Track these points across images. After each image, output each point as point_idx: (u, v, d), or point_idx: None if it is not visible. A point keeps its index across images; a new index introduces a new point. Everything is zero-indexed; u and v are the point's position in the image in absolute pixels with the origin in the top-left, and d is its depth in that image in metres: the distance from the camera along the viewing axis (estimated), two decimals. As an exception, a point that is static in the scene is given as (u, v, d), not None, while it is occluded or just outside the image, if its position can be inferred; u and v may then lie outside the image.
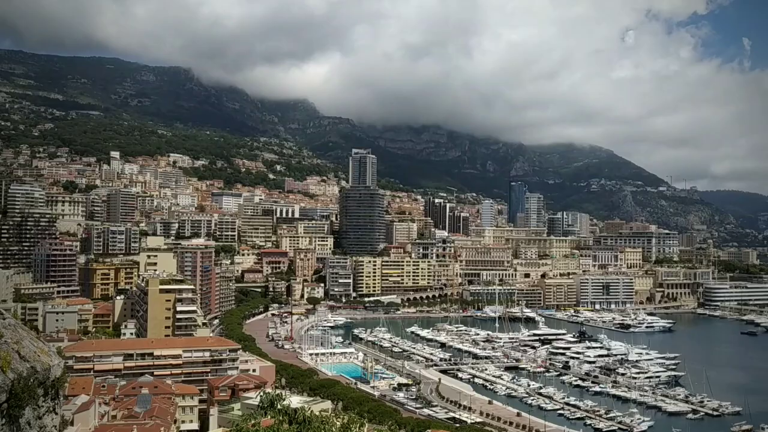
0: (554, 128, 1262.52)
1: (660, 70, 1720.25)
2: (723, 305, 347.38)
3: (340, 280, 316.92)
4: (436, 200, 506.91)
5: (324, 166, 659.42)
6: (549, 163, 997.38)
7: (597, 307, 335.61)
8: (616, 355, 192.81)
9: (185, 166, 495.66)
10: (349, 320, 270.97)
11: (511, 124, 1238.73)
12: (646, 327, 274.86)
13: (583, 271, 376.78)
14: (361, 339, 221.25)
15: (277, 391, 23.05)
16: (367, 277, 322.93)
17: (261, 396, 22.19)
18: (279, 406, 21.17)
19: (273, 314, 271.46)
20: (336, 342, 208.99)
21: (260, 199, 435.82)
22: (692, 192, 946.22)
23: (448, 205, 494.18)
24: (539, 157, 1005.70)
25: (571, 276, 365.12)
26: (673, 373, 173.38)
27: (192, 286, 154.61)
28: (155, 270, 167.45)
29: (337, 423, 19.92)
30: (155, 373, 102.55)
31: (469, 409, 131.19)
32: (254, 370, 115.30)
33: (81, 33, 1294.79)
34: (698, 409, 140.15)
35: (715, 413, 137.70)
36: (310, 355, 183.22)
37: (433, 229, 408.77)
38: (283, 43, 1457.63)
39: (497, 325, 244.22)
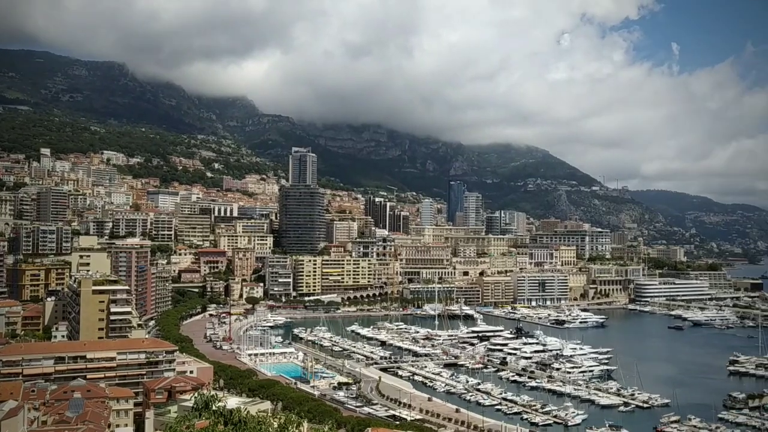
0: (492, 128, 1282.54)
1: (594, 73, 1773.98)
2: (652, 301, 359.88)
3: (280, 280, 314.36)
4: (377, 199, 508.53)
5: (263, 164, 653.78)
6: (487, 162, 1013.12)
7: (533, 303, 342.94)
8: (551, 350, 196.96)
9: (119, 163, 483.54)
10: (288, 320, 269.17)
11: (450, 124, 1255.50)
12: (580, 323, 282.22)
13: (520, 268, 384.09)
14: (301, 338, 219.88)
15: (212, 392, 22.72)
16: (307, 276, 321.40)
17: (195, 397, 21.84)
18: (214, 408, 20.90)
19: (211, 315, 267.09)
20: (275, 342, 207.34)
21: (198, 197, 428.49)
22: (624, 191, 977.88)
23: (388, 204, 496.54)
24: (478, 156, 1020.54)
25: (508, 274, 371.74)
26: (605, 367, 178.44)
27: (126, 287, 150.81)
28: (88, 270, 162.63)
29: (275, 423, 19.81)
30: (88, 376, 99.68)
31: (409, 406, 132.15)
32: (191, 372, 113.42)
33: (9, 25, 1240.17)
34: (629, 401, 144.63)
35: (645, 405, 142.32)
36: (249, 355, 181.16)
37: (373, 228, 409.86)
38: (222, 39, 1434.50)
39: (437, 322, 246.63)
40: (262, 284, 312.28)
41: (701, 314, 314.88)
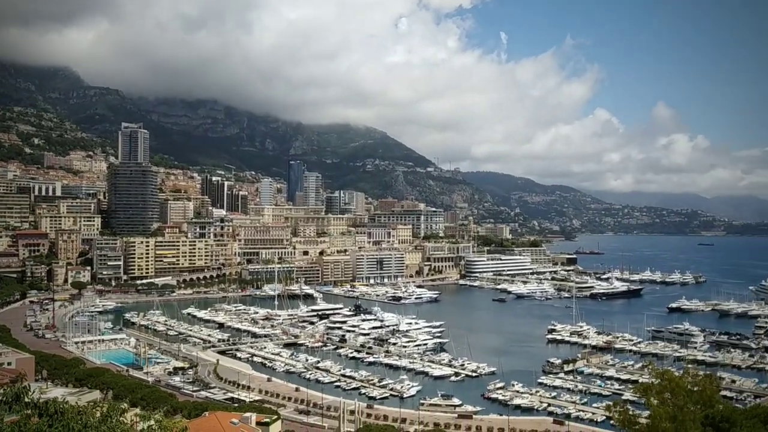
0: (332, 108, 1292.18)
1: (429, 58, 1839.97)
2: (481, 276, 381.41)
3: (109, 263, 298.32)
4: (214, 178, 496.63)
5: (90, 140, 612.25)
6: (327, 142, 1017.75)
7: (372, 281, 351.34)
8: (388, 326, 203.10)
9: None
10: (119, 305, 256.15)
11: (290, 102, 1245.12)
12: (416, 298, 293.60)
13: (359, 247, 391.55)
14: (134, 323, 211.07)
15: (25, 384, 21.20)
16: (139, 258, 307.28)
17: (4, 391, 20.30)
18: (27, 400, 19.49)
19: (32, 301, 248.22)
20: (105, 328, 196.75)
21: (15, 175, 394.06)
22: (456, 173, 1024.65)
23: (226, 183, 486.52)
24: (317, 136, 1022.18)
25: (347, 253, 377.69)
26: (438, 340, 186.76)
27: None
28: None
29: (97, 413, 18.89)
30: None
31: (248, 388, 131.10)
32: (9, 364, 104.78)
33: None
34: (460, 371, 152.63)
35: (474, 374, 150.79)
36: (76, 343, 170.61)
37: (210, 208, 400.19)
38: (39, 4, 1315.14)
39: (276, 302, 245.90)
40: (89, 268, 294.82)
41: (524, 287, 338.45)
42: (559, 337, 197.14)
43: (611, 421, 73.55)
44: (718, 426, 26.33)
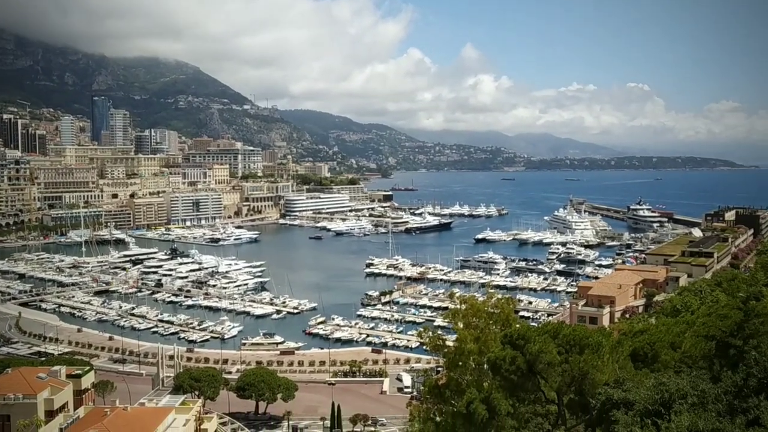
0: (139, 41, 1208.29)
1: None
2: (301, 215, 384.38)
3: None
4: (5, 116, 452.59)
5: None
6: (134, 77, 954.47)
7: (188, 223, 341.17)
8: (207, 268, 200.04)
9: None
10: None
11: (91, 33, 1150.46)
12: (235, 239, 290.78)
13: (174, 189, 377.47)
14: None
15: None
16: None
17: None
18: None
19: None
20: None
21: None
22: (274, 111, 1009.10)
23: (20, 121, 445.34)
24: (124, 70, 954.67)
25: (161, 194, 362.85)
26: (259, 279, 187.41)
27: None
28: None
29: None
30: None
31: (56, 340, 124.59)
32: None
33: None
34: (281, 309, 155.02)
35: (295, 311, 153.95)
36: None
37: (2, 149, 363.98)
38: None
39: (84, 249, 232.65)
40: None
41: (343, 225, 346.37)
42: (376, 271, 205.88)
43: (424, 347, 78.95)
44: (515, 343, 29.48)
